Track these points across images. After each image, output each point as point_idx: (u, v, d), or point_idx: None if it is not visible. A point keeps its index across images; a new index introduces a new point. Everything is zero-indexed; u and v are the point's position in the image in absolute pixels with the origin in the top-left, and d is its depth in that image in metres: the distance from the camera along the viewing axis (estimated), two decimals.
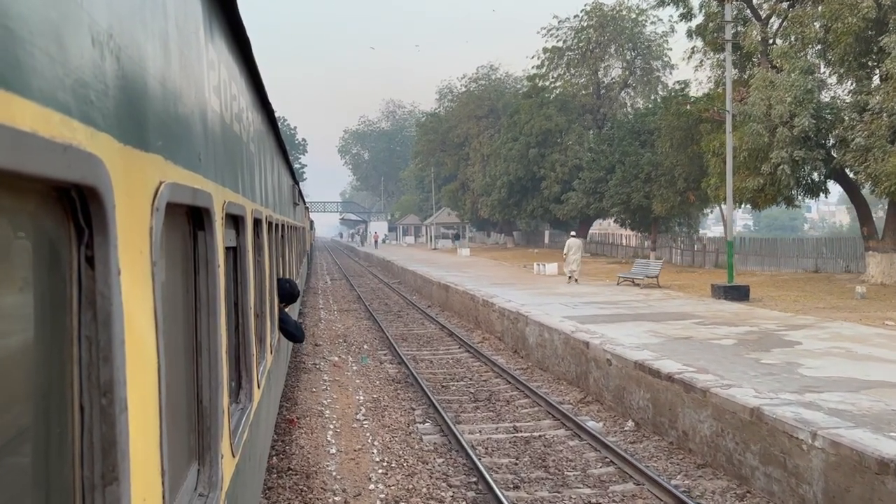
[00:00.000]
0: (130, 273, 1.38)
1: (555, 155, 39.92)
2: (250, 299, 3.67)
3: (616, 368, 9.75)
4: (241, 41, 3.40)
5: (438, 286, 23.44)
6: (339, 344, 16.13)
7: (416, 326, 18.84)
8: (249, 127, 3.94)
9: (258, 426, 4.17)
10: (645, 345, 10.48)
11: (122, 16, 1.42)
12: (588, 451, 8.26)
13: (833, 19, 17.25)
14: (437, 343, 16.18)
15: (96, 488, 1.23)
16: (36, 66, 1.00)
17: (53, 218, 1.18)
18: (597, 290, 19.80)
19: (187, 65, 2.08)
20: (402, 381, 12.15)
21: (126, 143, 1.39)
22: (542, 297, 18.19)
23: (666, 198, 26.75)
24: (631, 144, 30.55)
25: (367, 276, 39.00)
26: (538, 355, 13.13)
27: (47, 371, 1.20)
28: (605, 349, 10.21)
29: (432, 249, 57.53)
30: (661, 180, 26.82)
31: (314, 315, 21.49)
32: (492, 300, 17.16)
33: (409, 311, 22.41)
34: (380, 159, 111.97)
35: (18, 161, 0.93)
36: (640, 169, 28.91)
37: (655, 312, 14.76)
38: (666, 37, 42.33)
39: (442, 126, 59.00)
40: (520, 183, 42.13)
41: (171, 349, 1.90)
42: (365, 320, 20.20)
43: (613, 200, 29.92)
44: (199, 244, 2.32)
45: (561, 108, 41.00)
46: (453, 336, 16.86)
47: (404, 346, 15.65)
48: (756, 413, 6.83)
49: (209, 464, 2.31)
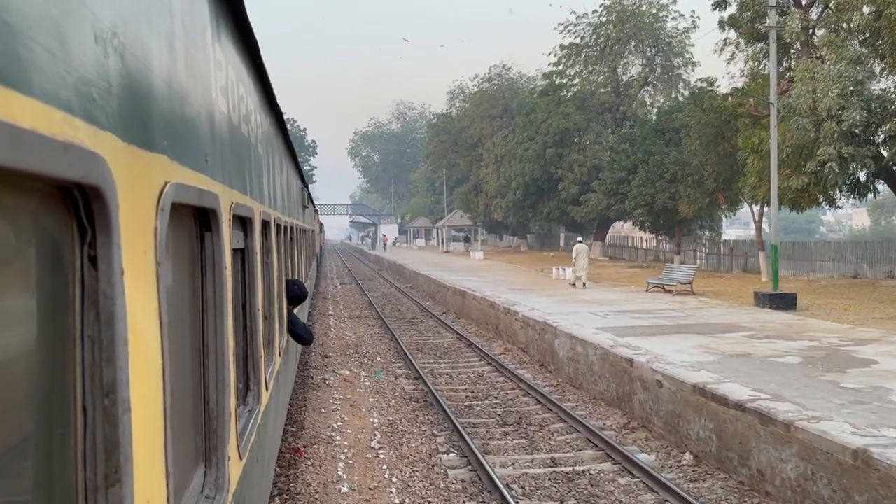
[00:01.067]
0: (134, 273, 1.40)
1: (573, 155, 38.78)
2: (258, 301, 3.72)
3: (668, 391, 8.52)
4: (249, 42, 3.41)
5: (454, 292, 22.32)
6: (350, 355, 15.04)
7: (431, 335, 17.82)
8: (258, 128, 3.97)
9: (266, 428, 4.18)
10: (699, 364, 9.27)
11: (126, 14, 1.44)
12: (643, 492, 7.08)
13: (886, 4, 15.91)
14: (455, 354, 15.08)
15: (99, 490, 1.25)
16: (37, 62, 1.01)
17: (56, 217, 1.19)
18: (626, 297, 18.59)
19: (194, 65, 2.10)
20: (420, 400, 11.00)
21: (130, 143, 1.41)
22: (568, 304, 17.02)
23: (693, 199, 25.49)
24: (655, 143, 29.30)
25: (377, 280, 38.01)
26: (569, 371, 11.92)
27: (50, 371, 1.22)
28: (654, 368, 8.99)
29: (444, 252, 56.55)
30: (689, 180, 25.58)
31: (323, 322, 20.44)
32: (514, 308, 16.03)
33: (423, 318, 21.40)
34: (390, 161, 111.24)
35: (18, 159, 0.94)
36: (664, 168, 27.68)
37: (698, 324, 13.54)
38: (688, 33, 41.00)
39: (454, 126, 57.97)
40: (535, 184, 40.99)
41: (177, 350, 1.92)
42: (377, 328, 19.13)
43: (636, 202, 28.65)
44: (206, 245, 2.33)
45: (579, 106, 39.83)
46: (472, 347, 15.76)
47: (420, 357, 14.60)
48: (862, 456, 5.60)
49: (216, 466, 2.31)
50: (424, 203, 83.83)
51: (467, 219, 59.56)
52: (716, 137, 23.39)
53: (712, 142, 23.54)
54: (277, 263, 5.27)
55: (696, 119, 23.61)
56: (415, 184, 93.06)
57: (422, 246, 77.35)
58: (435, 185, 76.18)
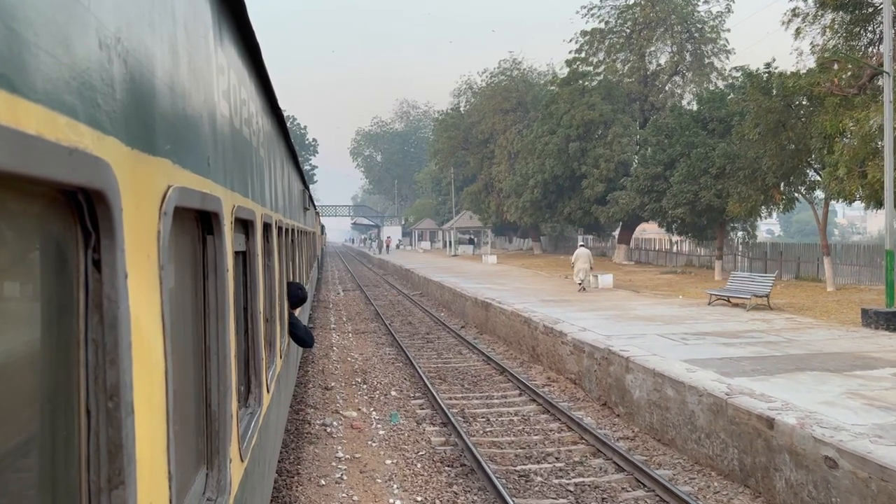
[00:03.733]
0: (137, 277, 1.41)
1: (598, 149, 35.62)
2: (260, 304, 3.75)
3: (852, 479, 5.58)
4: (251, 46, 3.46)
5: (474, 303, 19.44)
6: (356, 386, 12.18)
7: (452, 356, 15.18)
8: (259, 132, 4.01)
9: (268, 431, 4.19)
10: (879, 428, 6.24)
11: (129, 19, 1.44)
12: None
13: None
14: (486, 385, 12.30)
15: (102, 492, 1.25)
16: (42, 68, 1.02)
17: (60, 221, 1.20)
18: (688, 313, 15.62)
19: (196, 69, 2.12)
20: (454, 462, 8.28)
21: (133, 147, 1.42)
22: (623, 322, 14.10)
23: (746, 196, 22.38)
24: (697, 134, 26.11)
25: (383, 286, 35.16)
26: (651, 419, 9.04)
27: (54, 374, 1.22)
28: (819, 437, 6.03)
29: (452, 256, 53.41)
30: (740, 175, 22.44)
31: (325, 338, 17.59)
32: (558, 327, 13.15)
33: (438, 332, 18.69)
34: (393, 161, 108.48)
35: (23, 164, 0.94)
36: (710, 162, 24.49)
37: (813, 353, 10.63)
38: (722, 17, 37.91)
39: (464, 122, 54.62)
40: (556, 182, 37.74)
41: (180, 353, 1.94)
42: (387, 346, 16.30)
43: (677, 200, 25.47)
44: (208, 248, 2.36)
45: (605, 96, 36.41)
46: (506, 374, 12.99)
47: (444, 389, 11.94)
48: None
49: (217, 468, 2.32)
50: (430, 204, 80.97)
51: (477, 220, 56.44)
52: (777, 125, 20.41)
53: (772, 130, 20.56)
54: (279, 266, 5.26)
55: (757, 104, 20.63)
56: (419, 184, 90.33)
57: (427, 249, 74.55)
58: (441, 186, 73.28)
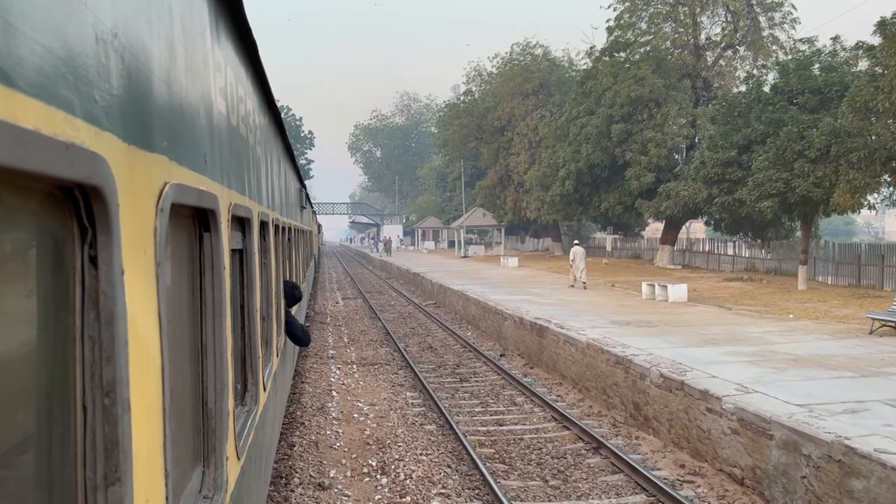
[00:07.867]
0: (134, 273, 1.41)
1: (647, 132, 30.27)
2: (256, 302, 3.77)
3: None
4: (248, 43, 3.47)
5: (518, 325, 14.93)
6: (371, 478, 7.29)
7: (504, 409, 11.22)
8: (256, 129, 4.03)
9: (264, 429, 4.24)
10: None
11: (127, 15, 1.45)
12: None
13: None
14: (578, 477, 7.84)
15: (98, 489, 1.25)
16: (39, 63, 1.02)
17: (57, 217, 1.21)
18: (867, 353, 10.71)
19: (193, 66, 2.13)
20: None
21: (130, 143, 1.43)
22: (783, 368, 9.67)
23: (859, 184, 17.76)
24: (787, 109, 21.26)
25: (387, 292, 30.48)
26: None
27: (50, 370, 1.23)
28: None
29: (462, 257, 48.44)
30: (853, 157, 17.82)
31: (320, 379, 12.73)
32: (693, 383, 8.28)
33: (472, 364, 14.25)
34: (393, 157, 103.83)
35: (20, 159, 0.95)
36: (806, 144, 19.74)
37: None
38: None
39: (477, 108, 49.44)
40: (591, 172, 32.46)
41: (176, 350, 1.96)
42: (407, 389, 11.79)
43: (762, 190, 20.62)
44: (204, 246, 2.37)
45: (656, 68, 31.12)
46: (602, 450, 8.12)
47: (514, 487, 7.12)
48: None
49: (214, 466, 2.34)
50: (434, 201, 76.30)
51: (491, 218, 51.44)
52: None
53: None
54: (275, 264, 5.32)
55: (893, 62, 15.94)
56: (422, 180, 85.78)
57: (431, 249, 69.71)
58: (447, 181, 68.58)
